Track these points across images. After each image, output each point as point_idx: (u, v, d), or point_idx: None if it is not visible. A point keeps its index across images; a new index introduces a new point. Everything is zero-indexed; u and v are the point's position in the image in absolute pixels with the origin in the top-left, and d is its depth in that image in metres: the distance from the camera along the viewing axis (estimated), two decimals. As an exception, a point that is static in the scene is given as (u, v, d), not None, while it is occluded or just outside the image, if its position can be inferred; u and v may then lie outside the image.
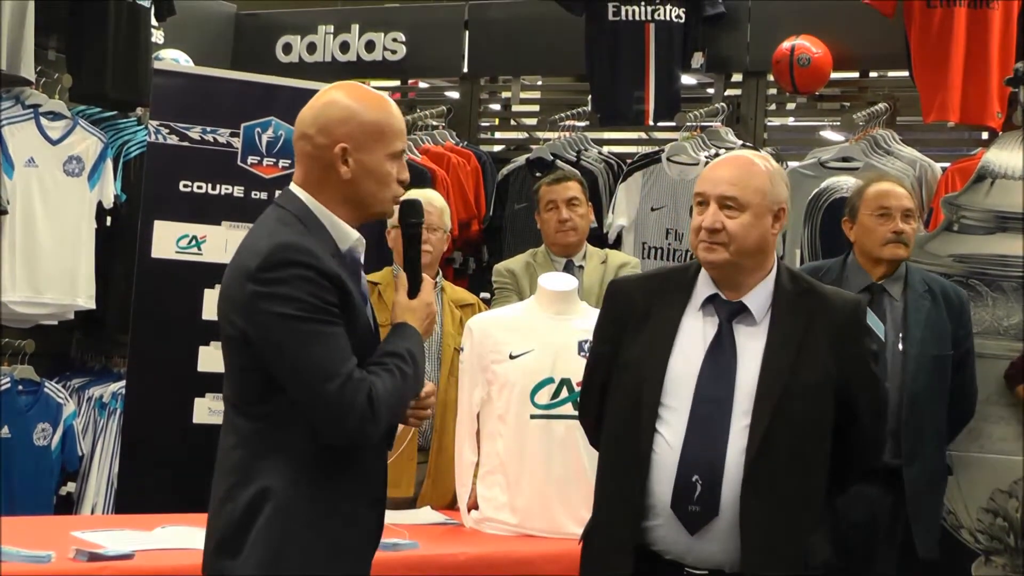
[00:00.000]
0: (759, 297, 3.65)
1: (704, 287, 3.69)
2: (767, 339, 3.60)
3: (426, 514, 5.26)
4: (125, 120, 7.73)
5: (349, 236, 3.36)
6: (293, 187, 3.39)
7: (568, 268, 6.13)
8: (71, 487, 7.39)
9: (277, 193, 6.78)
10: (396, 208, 3.47)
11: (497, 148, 8.67)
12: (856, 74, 7.74)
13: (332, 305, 3.21)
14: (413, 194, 5.85)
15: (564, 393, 4.85)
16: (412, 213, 3.66)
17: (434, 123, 8.21)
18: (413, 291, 3.53)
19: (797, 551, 3.56)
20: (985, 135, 7.05)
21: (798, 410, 3.54)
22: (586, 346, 4.50)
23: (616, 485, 3.67)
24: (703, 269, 3.71)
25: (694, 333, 3.64)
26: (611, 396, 3.71)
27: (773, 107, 7.86)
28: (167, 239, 6.56)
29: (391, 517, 4.82)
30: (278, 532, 3.20)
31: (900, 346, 5.26)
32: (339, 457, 3.26)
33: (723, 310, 3.65)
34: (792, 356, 3.58)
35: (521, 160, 7.86)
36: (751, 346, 3.60)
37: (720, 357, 3.59)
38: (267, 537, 3.20)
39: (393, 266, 5.90)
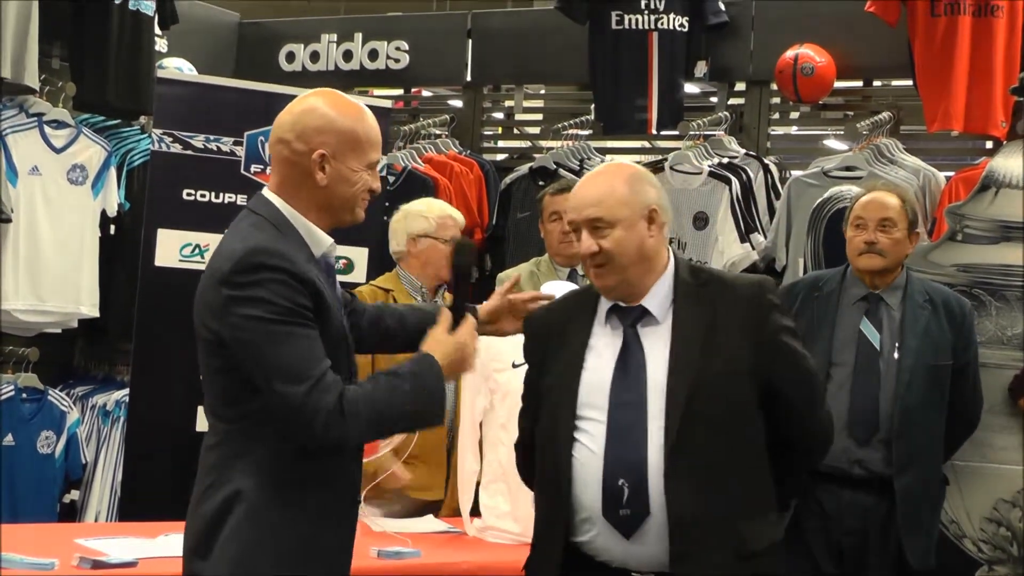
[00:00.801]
0: (657, 297, 3.67)
1: (606, 300, 3.72)
2: (671, 335, 3.62)
3: (429, 522, 5.26)
4: (129, 128, 7.75)
5: (323, 241, 3.40)
6: (267, 192, 3.44)
7: (572, 277, 6.13)
8: (75, 495, 7.39)
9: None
10: (363, 215, 3.49)
11: (500, 157, 8.66)
12: (860, 83, 7.74)
13: (305, 308, 3.24)
14: (435, 205, 5.93)
15: (567, 402, 4.84)
16: (464, 253, 3.68)
17: (437, 132, 8.21)
18: (454, 328, 3.57)
19: (729, 541, 3.53)
20: (989, 144, 7.04)
21: (712, 400, 3.53)
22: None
23: (545, 500, 3.69)
24: None
25: (602, 346, 3.66)
26: (538, 422, 3.74)
27: (776, 116, 7.85)
28: (170, 247, 6.56)
29: (394, 525, 4.83)
30: (247, 534, 3.23)
31: (895, 355, 5.26)
32: (313, 460, 3.29)
33: (625, 318, 3.67)
34: (698, 348, 3.58)
35: (524, 169, 7.86)
36: (658, 346, 3.61)
37: (629, 362, 3.60)
38: (236, 539, 3.22)
39: (397, 268, 5.93)
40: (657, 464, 3.51)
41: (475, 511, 5.04)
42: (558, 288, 5.10)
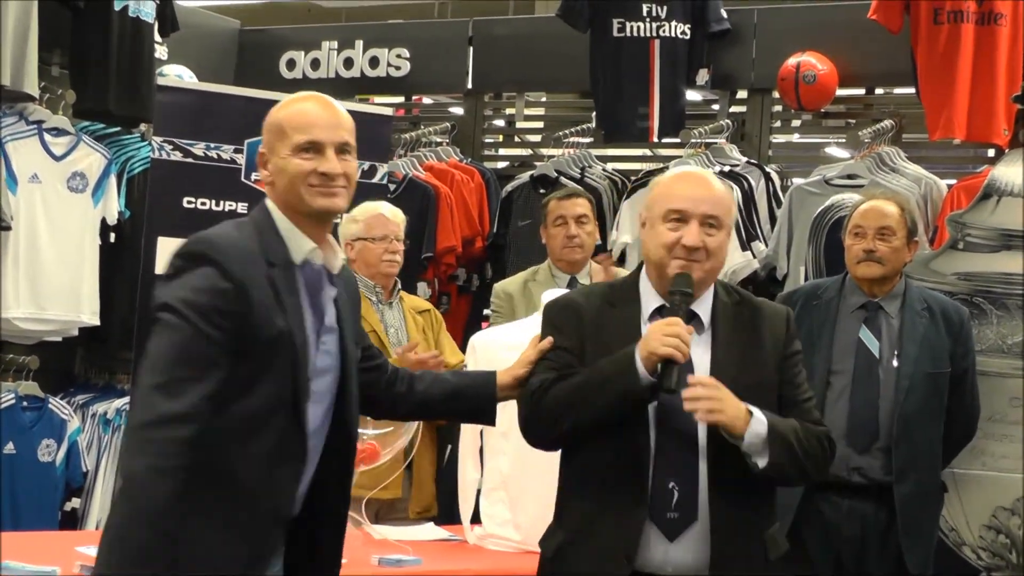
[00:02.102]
0: (705, 306, 3.70)
1: (650, 298, 3.73)
2: (712, 345, 3.66)
3: (429, 530, 5.26)
4: (129, 136, 7.74)
5: (303, 246, 3.31)
6: (266, 198, 3.41)
7: (572, 284, 6.13)
8: (75, 503, 7.39)
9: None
10: (327, 202, 3.34)
11: (501, 164, 8.67)
12: (862, 91, 7.74)
13: (216, 310, 3.13)
14: (380, 207, 5.97)
15: (568, 410, 4.83)
16: (683, 284, 3.64)
17: (438, 139, 8.22)
18: None
19: (759, 549, 3.64)
20: (991, 152, 7.04)
21: None
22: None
23: (605, 496, 3.64)
24: (642, 281, 3.75)
25: None
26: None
27: (778, 124, 7.86)
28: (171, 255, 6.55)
29: (395, 533, 4.83)
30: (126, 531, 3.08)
31: (894, 363, 5.26)
32: (227, 465, 3.18)
33: None
34: (736, 359, 3.65)
35: (525, 177, 7.86)
36: (697, 352, 3.63)
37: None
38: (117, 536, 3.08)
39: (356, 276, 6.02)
40: (704, 469, 3.56)
41: (475, 519, 5.04)
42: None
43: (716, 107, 7.93)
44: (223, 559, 3.16)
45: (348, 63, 8.68)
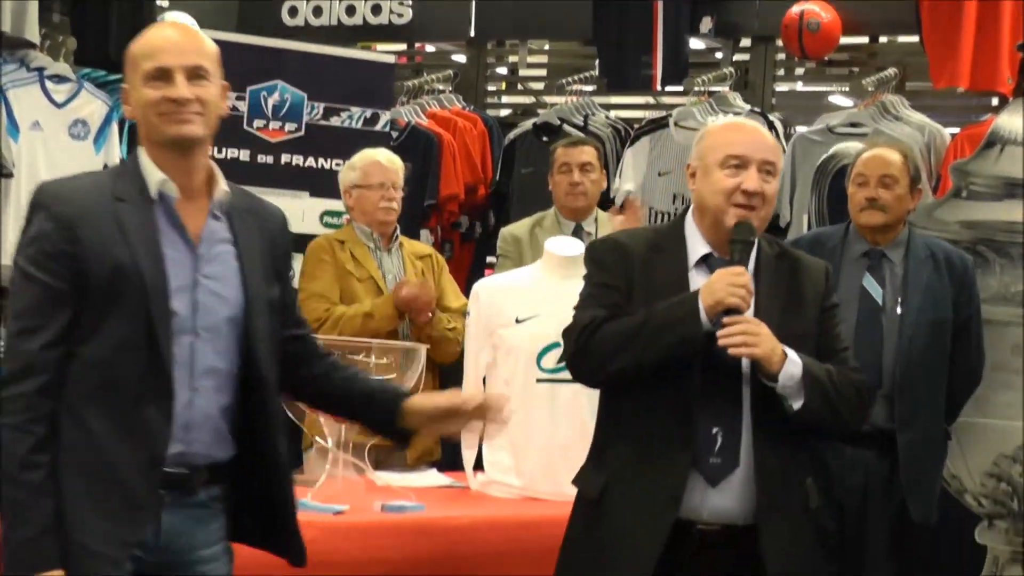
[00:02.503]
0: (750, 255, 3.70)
1: (696, 245, 3.72)
2: (756, 295, 3.62)
3: (432, 477, 5.27)
4: (130, 83, 7.71)
5: (152, 176, 3.19)
6: None
7: (577, 232, 6.13)
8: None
9: (283, 157, 6.90)
10: (179, 129, 3.22)
11: (504, 112, 8.66)
12: (865, 39, 7.72)
13: (44, 254, 3.08)
14: (377, 154, 5.96)
15: (570, 357, 4.84)
16: (746, 233, 3.62)
17: (441, 87, 8.20)
18: None
19: (799, 498, 3.69)
20: (995, 101, 7.03)
21: None
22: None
23: (650, 440, 3.64)
24: (687, 227, 3.74)
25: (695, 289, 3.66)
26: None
27: (781, 72, 7.84)
28: (173, 203, 6.55)
29: (397, 479, 4.84)
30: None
31: (898, 311, 5.26)
32: (81, 408, 3.08)
33: (717, 267, 3.66)
34: (780, 308, 3.65)
35: (528, 125, 7.85)
36: None
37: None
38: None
39: (353, 223, 6.05)
40: (747, 416, 3.58)
41: (478, 466, 5.05)
42: (563, 244, 5.10)
43: (719, 55, 7.91)
44: (97, 511, 3.06)
45: (350, 10, 8.63)
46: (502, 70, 8.84)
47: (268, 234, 3.38)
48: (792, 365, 3.54)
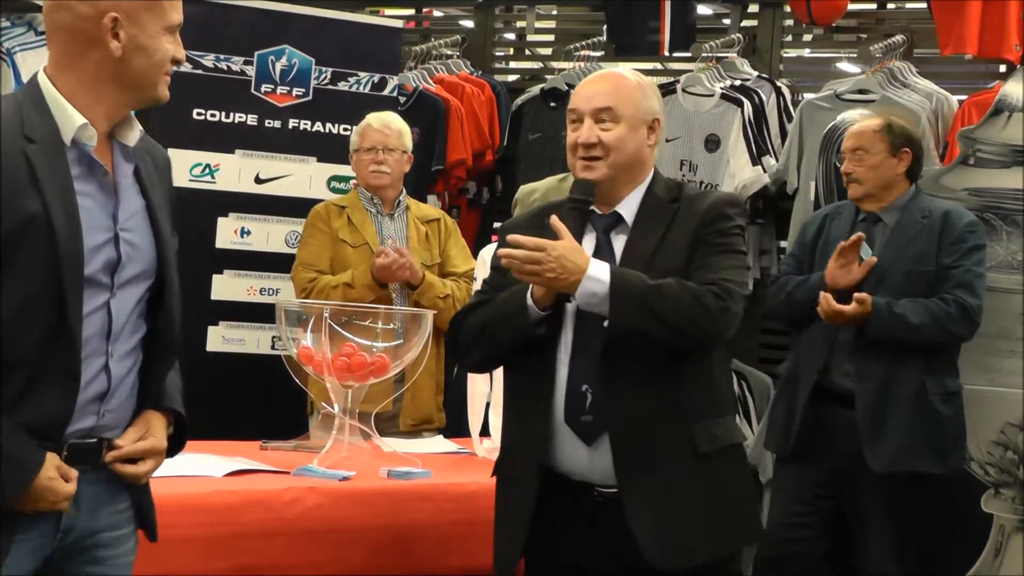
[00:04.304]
0: (631, 205, 3.66)
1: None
2: (627, 239, 3.62)
3: (439, 443, 5.29)
4: (138, 47, 7.70)
5: (72, 120, 2.83)
6: (40, 70, 2.94)
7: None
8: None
9: (290, 122, 6.89)
10: (165, 92, 2.97)
11: (511, 78, 8.63)
12: (873, 5, 7.69)
13: None
14: (371, 118, 5.96)
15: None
16: (580, 191, 3.59)
17: (448, 52, 8.18)
18: None
19: (683, 447, 3.53)
20: (1003, 68, 7.00)
21: None
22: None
23: (522, 406, 3.67)
24: None
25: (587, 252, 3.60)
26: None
27: (789, 38, 7.81)
28: (180, 167, 6.51)
29: (403, 446, 4.85)
30: None
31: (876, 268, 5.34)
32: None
33: (599, 224, 3.66)
34: (646, 258, 3.56)
35: (535, 90, 7.83)
36: (617, 248, 3.63)
37: None
38: None
39: (359, 188, 5.98)
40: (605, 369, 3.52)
41: (484, 432, 5.06)
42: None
43: (727, 21, 7.88)
44: None
45: (358, -26, 8.63)
46: (510, 35, 8.82)
47: (165, 180, 3.11)
48: (593, 283, 3.43)
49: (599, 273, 3.44)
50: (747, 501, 3.67)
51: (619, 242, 3.63)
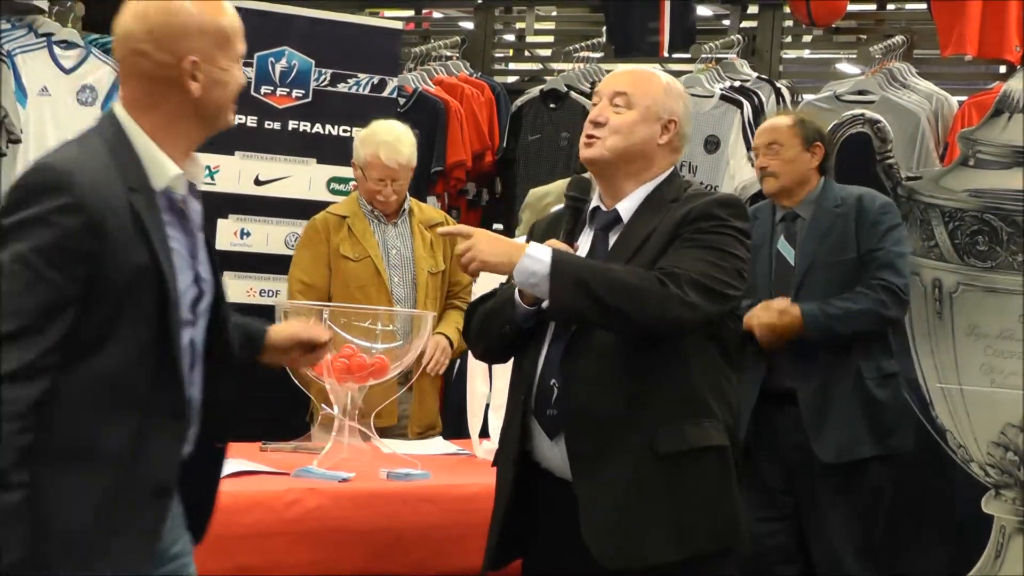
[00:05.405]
0: (631, 203, 3.64)
1: (595, 198, 3.70)
2: (618, 235, 3.63)
3: (438, 444, 5.29)
4: (138, 49, 7.70)
5: (166, 171, 2.86)
6: (116, 108, 2.91)
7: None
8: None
9: (290, 124, 6.90)
10: (233, 118, 3.00)
11: (511, 79, 8.64)
12: (873, 6, 7.70)
13: (72, 255, 2.68)
14: (381, 144, 5.82)
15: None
16: (574, 188, 3.62)
17: (448, 53, 8.17)
18: None
19: (638, 442, 3.48)
20: (1003, 69, 7.01)
21: None
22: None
23: (510, 399, 3.73)
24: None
25: (581, 250, 3.65)
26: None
27: (789, 39, 7.82)
28: (180, 169, 6.56)
29: (403, 447, 4.85)
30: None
31: (792, 262, 5.36)
32: (85, 427, 2.74)
33: (599, 221, 3.67)
34: (634, 248, 3.56)
35: (535, 91, 7.83)
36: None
37: None
38: None
39: (359, 197, 5.92)
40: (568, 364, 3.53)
41: (483, 434, 5.06)
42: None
43: (727, 22, 7.89)
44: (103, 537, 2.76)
45: (358, -24, 8.63)
46: (509, 36, 8.82)
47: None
48: (532, 261, 3.39)
49: (540, 254, 3.41)
50: (720, 503, 3.57)
51: (615, 239, 3.64)
